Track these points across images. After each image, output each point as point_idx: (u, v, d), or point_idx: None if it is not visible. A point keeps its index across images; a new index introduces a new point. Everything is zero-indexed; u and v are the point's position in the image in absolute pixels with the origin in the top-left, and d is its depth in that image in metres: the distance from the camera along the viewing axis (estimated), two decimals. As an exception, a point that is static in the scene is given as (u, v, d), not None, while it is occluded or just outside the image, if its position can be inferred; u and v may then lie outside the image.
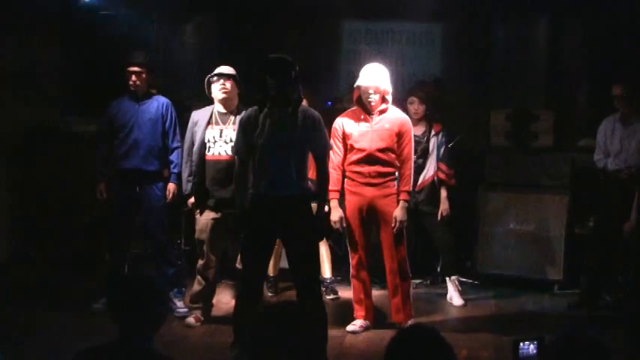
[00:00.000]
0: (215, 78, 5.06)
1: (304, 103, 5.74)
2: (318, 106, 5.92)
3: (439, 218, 5.84)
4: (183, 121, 5.92)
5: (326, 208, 4.95)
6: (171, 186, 5.51)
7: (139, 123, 5.45)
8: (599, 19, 7.15)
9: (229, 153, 4.98)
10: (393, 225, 4.94)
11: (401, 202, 4.98)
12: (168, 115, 5.53)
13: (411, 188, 5.05)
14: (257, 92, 4.47)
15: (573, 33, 7.55)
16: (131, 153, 5.45)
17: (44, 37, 6.98)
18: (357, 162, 5.01)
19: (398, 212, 4.96)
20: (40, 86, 6.92)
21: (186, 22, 8.02)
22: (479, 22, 7.57)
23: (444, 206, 5.85)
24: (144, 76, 5.46)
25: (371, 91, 4.96)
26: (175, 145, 5.55)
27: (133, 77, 5.43)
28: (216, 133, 5.04)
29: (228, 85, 5.04)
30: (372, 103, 4.99)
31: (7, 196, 6.78)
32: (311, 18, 7.73)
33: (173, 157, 5.52)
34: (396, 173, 5.06)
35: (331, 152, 5.04)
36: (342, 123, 5.08)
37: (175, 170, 5.52)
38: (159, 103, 5.53)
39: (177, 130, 5.58)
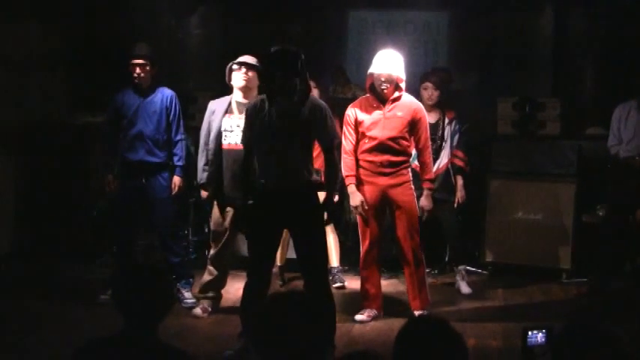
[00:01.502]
0: (236, 66, 5.04)
1: (315, 92, 5.77)
2: (323, 96, 5.94)
3: (455, 206, 5.84)
4: (189, 112, 5.94)
5: (335, 198, 4.91)
6: (176, 179, 5.51)
7: (143, 115, 5.44)
8: (605, 6, 7.12)
9: None
10: (420, 215, 5.02)
11: (425, 191, 5.06)
12: (173, 107, 5.52)
13: (433, 176, 5.11)
14: (262, 82, 4.44)
15: (579, 20, 7.51)
16: (135, 145, 5.44)
17: (47, 28, 6.96)
18: (369, 150, 4.99)
19: (424, 202, 5.05)
20: (44, 78, 6.92)
21: (192, 13, 8.01)
22: (485, 10, 7.54)
23: (460, 193, 5.85)
24: (148, 68, 5.45)
25: (383, 79, 4.93)
26: (179, 137, 5.54)
27: (137, 69, 5.42)
28: (234, 122, 5.02)
29: (250, 74, 5.02)
30: (385, 91, 4.96)
31: (13, 188, 6.78)
32: (317, 7, 7.71)
33: (177, 149, 5.52)
34: (411, 160, 5.07)
35: (343, 139, 5.06)
36: (355, 110, 5.06)
37: (180, 163, 5.52)
38: (163, 95, 5.52)
39: (181, 123, 5.58)
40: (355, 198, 5.02)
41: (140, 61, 5.42)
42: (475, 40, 7.65)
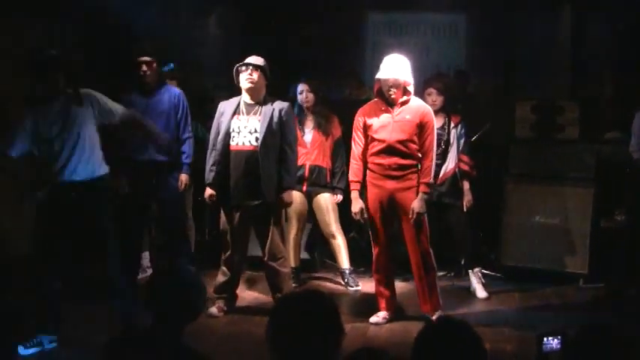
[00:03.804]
0: (243, 67, 5.07)
1: (310, 98, 5.83)
2: (318, 100, 5.97)
3: (464, 210, 5.82)
4: (206, 112, 5.95)
5: (339, 198, 4.99)
6: (183, 176, 5.53)
7: (151, 115, 5.43)
8: (625, 9, 7.08)
9: (253, 143, 5.01)
10: (410, 216, 4.92)
11: (420, 194, 4.92)
12: (180, 105, 5.54)
13: (431, 180, 4.98)
14: None
15: (599, 23, 7.48)
16: (145, 145, 5.46)
17: (62, 28, 6.98)
18: (377, 153, 4.98)
19: (416, 204, 4.91)
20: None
21: (210, 13, 8.04)
22: (503, 12, 7.52)
23: (467, 197, 5.83)
24: (154, 65, 5.46)
25: (390, 84, 4.92)
26: (186, 135, 5.56)
27: (144, 67, 5.42)
28: (242, 124, 5.06)
29: (255, 75, 5.05)
30: (392, 96, 4.95)
31: (29, 189, 6.80)
32: (334, 10, 7.72)
33: (184, 147, 5.54)
34: (418, 165, 5.04)
35: (352, 144, 5.09)
36: (364, 115, 5.07)
37: (187, 161, 5.54)
38: (170, 94, 5.53)
39: (189, 121, 5.59)
40: (355, 205, 5.05)
41: (146, 59, 5.44)
42: (493, 42, 7.63)
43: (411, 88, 4.99)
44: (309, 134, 5.97)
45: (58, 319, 4.62)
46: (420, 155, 4.99)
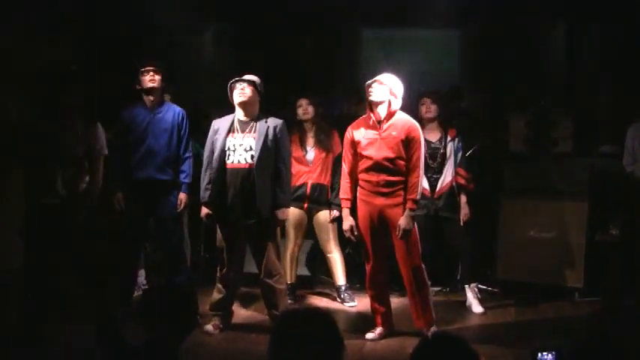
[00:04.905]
0: (235, 84, 5.08)
1: (309, 110, 5.84)
2: (318, 114, 5.98)
3: (461, 224, 5.82)
4: (201, 128, 5.95)
5: (335, 213, 5.00)
6: (182, 196, 5.52)
7: (154, 132, 5.45)
8: (618, 24, 7.12)
9: (249, 161, 5.01)
10: (397, 233, 4.91)
11: (406, 211, 4.89)
12: (183, 124, 5.54)
13: (418, 197, 4.92)
14: None
15: (593, 37, 7.51)
16: (146, 162, 5.45)
17: (58, 42, 7.00)
18: (366, 170, 4.99)
19: (402, 220, 4.89)
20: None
21: (205, 30, 8.06)
22: (497, 28, 7.55)
23: (464, 211, 5.83)
24: (159, 77, 5.46)
25: (375, 85, 4.91)
26: (187, 154, 5.56)
27: (149, 75, 5.43)
28: (237, 142, 5.06)
29: (247, 90, 5.05)
30: (371, 97, 4.93)
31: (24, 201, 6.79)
32: (329, 26, 7.75)
33: (184, 166, 5.53)
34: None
35: (342, 161, 5.16)
36: (352, 131, 5.07)
37: (186, 180, 5.53)
38: (174, 112, 5.53)
39: (190, 141, 5.60)
40: (346, 222, 5.07)
41: (151, 68, 5.45)
42: (487, 57, 7.66)
43: (397, 104, 4.97)
44: (311, 152, 5.98)
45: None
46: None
